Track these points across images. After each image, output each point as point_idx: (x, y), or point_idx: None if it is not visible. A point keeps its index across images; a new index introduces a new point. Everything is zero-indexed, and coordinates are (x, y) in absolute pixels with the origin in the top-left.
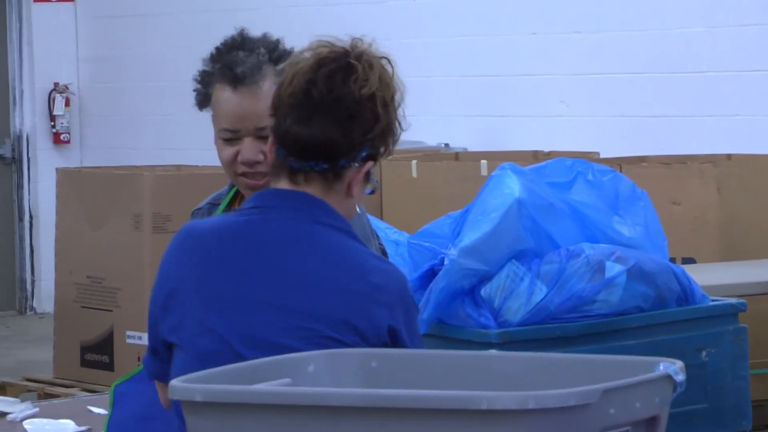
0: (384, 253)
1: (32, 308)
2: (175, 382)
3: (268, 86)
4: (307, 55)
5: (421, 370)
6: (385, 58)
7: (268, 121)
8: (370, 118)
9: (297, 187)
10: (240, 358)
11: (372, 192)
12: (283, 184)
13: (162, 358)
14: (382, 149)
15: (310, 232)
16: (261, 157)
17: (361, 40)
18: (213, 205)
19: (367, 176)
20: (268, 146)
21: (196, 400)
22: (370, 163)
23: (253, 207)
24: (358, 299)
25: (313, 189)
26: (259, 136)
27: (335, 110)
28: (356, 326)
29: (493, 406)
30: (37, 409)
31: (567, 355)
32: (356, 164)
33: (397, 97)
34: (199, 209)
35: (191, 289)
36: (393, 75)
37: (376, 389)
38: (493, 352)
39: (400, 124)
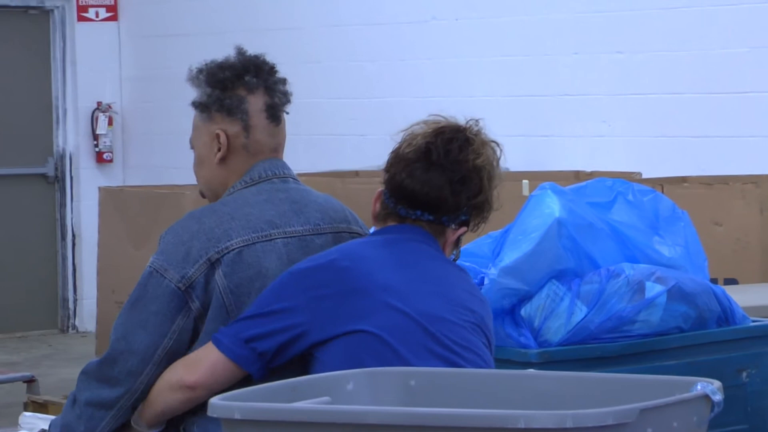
0: None
1: (74, 327)
2: (214, 400)
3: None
4: (423, 125)
5: (459, 389)
6: (495, 141)
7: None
8: (476, 186)
9: None
10: (419, 326)
11: (454, 259)
12: None
13: (254, 346)
14: (475, 220)
15: (436, 254)
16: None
17: (476, 121)
18: None
19: (458, 242)
20: (374, 197)
21: (235, 417)
22: (464, 229)
23: (384, 236)
24: (487, 306)
25: None
26: None
27: (450, 171)
28: (489, 327)
29: (531, 425)
30: None
31: (604, 374)
32: (454, 226)
33: (497, 179)
34: None
35: (374, 289)
36: (500, 158)
37: (416, 408)
38: (531, 371)
39: (493, 203)
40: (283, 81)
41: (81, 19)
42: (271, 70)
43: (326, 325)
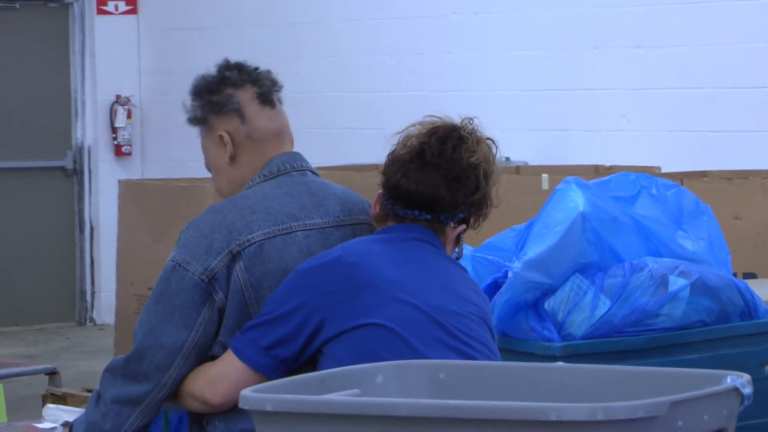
0: None
1: (92, 319)
2: (246, 392)
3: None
4: (418, 126)
5: (488, 382)
6: (490, 139)
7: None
8: (472, 184)
9: None
10: (429, 318)
11: (457, 257)
12: None
13: (276, 354)
14: (474, 218)
15: (437, 251)
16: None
17: (470, 119)
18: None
19: (458, 240)
20: (374, 200)
21: (266, 409)
22: (463, 227)
23: (386, 234)
24: (487, 302)
25: None
26: None
27: (445, 170)
28: (491, 322)
29: (562, 417)
30: None
31: (634, 367)
32: (453, 224)
33: (494, 176)
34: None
35: (383, 284)
36: (496, 154)
37: (447, 400)
38: (559, 364)
39: (492, 200)
40: (268, 72)
41: (100, 12)
42: (254, 68)
43: (337, 320)
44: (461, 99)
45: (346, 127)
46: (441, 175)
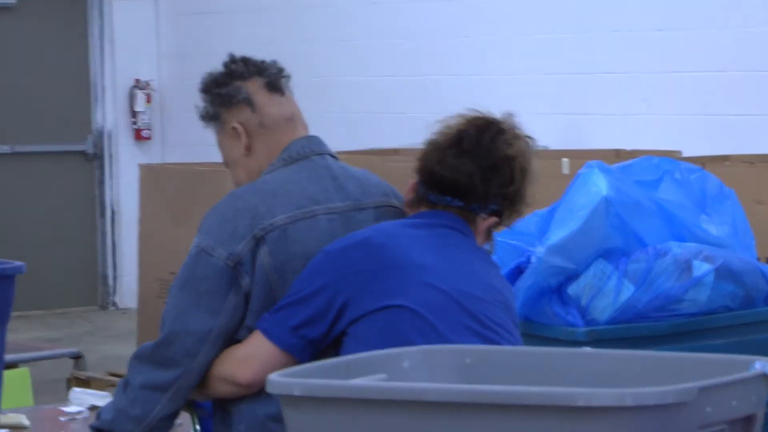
0: None
1: (114, 304)
2: (273, 377)
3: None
4: (458, 117)
5: (515, 367)
6: (529, 137)
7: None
8: (507, 176)
9: None
10: (456, 303)
11: (489, 251)
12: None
13: (303, 334)
14: (508, 213)
15: (466, 239)
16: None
17: (511, 114)
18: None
19: (489, 233)
20: (408, 187)
21: (294, 394)
22: (494, 219)
23: (416, 219)
24: (511, 290)
25: None
26: None
27: (480, 159)
28: (514, 309)
29: (590, 403)
30: None
31: (660, 352)
32: (484, 214)
33: (532, 174)
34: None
35: (410, 267)
36: (534, 153)
37: (475, 385)
38: (586, 349)
39: (527, 199)
40: (274, 61)
41: None
42: (260, 60)
43: (362, 300)
44: (480, 83)
45: (364, 111)
46: (476, 164)
